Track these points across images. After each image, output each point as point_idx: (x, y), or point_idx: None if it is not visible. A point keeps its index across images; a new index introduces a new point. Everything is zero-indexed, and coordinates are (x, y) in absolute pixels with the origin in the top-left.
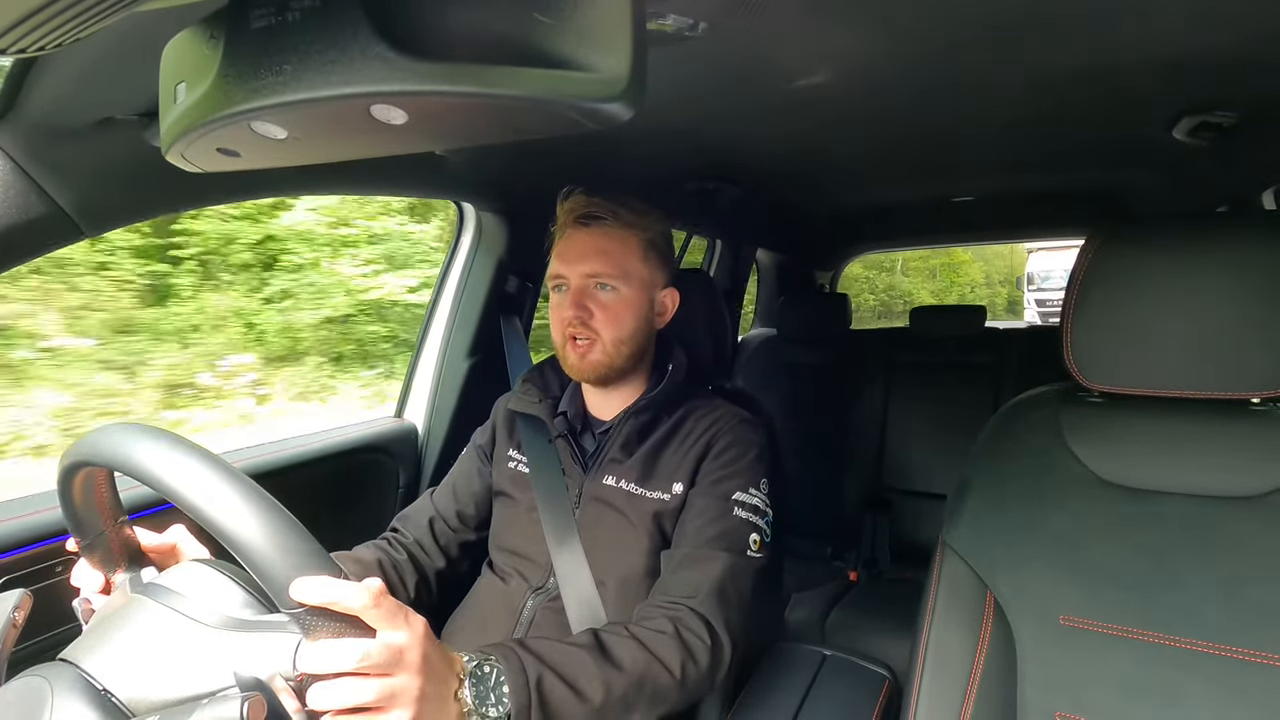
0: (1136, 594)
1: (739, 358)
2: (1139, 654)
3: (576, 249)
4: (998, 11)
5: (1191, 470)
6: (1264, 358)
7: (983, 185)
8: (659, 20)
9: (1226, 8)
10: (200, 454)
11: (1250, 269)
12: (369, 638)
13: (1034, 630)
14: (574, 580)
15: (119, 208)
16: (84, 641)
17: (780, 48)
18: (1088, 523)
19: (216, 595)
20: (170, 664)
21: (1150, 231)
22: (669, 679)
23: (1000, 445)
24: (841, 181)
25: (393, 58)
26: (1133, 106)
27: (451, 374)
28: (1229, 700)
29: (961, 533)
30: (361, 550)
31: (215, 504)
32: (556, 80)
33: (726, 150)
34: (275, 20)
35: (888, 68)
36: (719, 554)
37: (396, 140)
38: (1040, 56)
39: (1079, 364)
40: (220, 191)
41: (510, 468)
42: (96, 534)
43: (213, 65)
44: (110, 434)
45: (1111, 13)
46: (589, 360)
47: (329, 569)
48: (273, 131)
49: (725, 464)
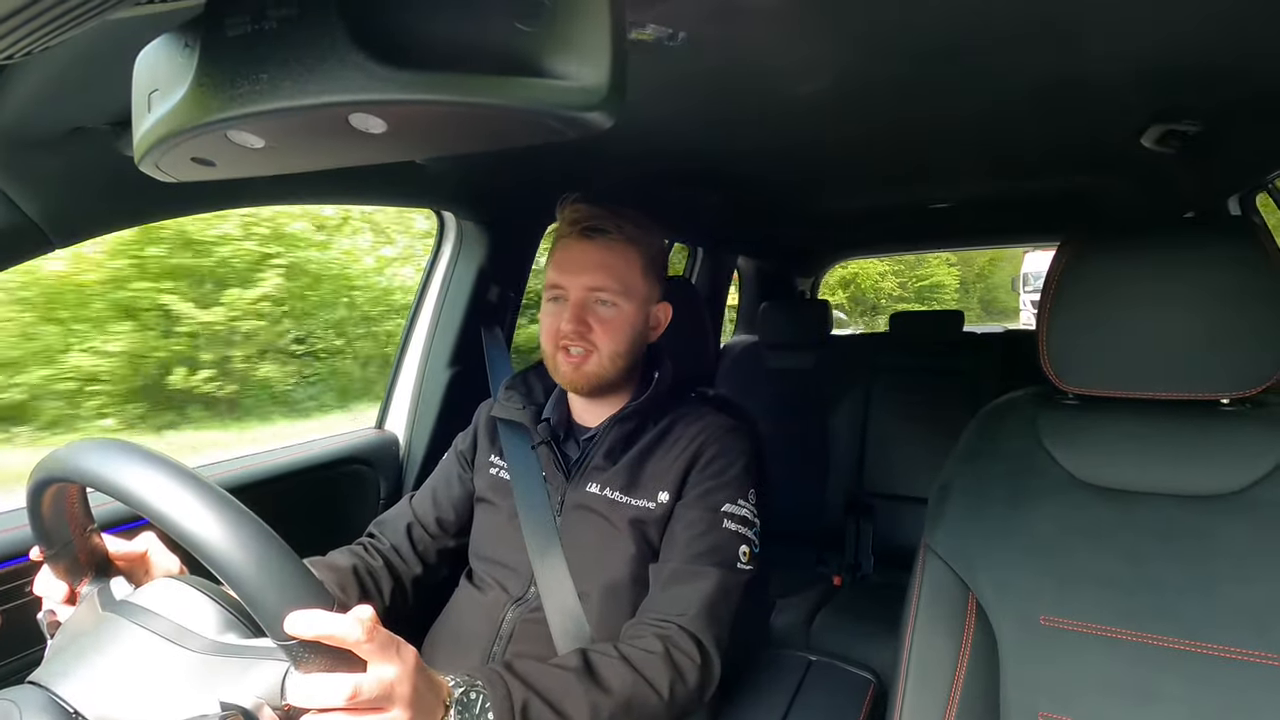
0: (1114, 593)
1: (721, 364)
2: (1117, 653)
3: (578, 260)
4: (973, 23)
5: (1165, 470)
6: (1231, 359)
7: (959, 192)
8: (639, 30)
9: (1192, 22)
10: (186, 475)
11: (1216, 273)
12: (360, 671)
13: (1015, 631)
14: (556, 590)
15: (90, 218)
16: (54, 663)
17: (759, 58)
18: (1065, 524)
19: (196, 617)
20: (148, 689)
21: (1121, 237)
22: (657, 700)
23: (979, 448)
24: (821, 189)
25: (371, 66)
26: (1103, 116)
27: (432, 384)
28: (1205, 696)
29: (943, 535)
30: (336, 556)
31: (205, 530)
32: (536, 89)
33: (708, 158)
34: (252, 29)
35: (865, 77)
36: (710, 569)
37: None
38: (1012, 67)
39: (1055, 367)
40: (195, 202)
41: (492, 474)
42: (63, 544)
43: (187, 73)
44: (89, 450)
45: (1082, 25)
46: (583, 371)
47: (323, 601)
48: (249, 140)
49: (713, 474)
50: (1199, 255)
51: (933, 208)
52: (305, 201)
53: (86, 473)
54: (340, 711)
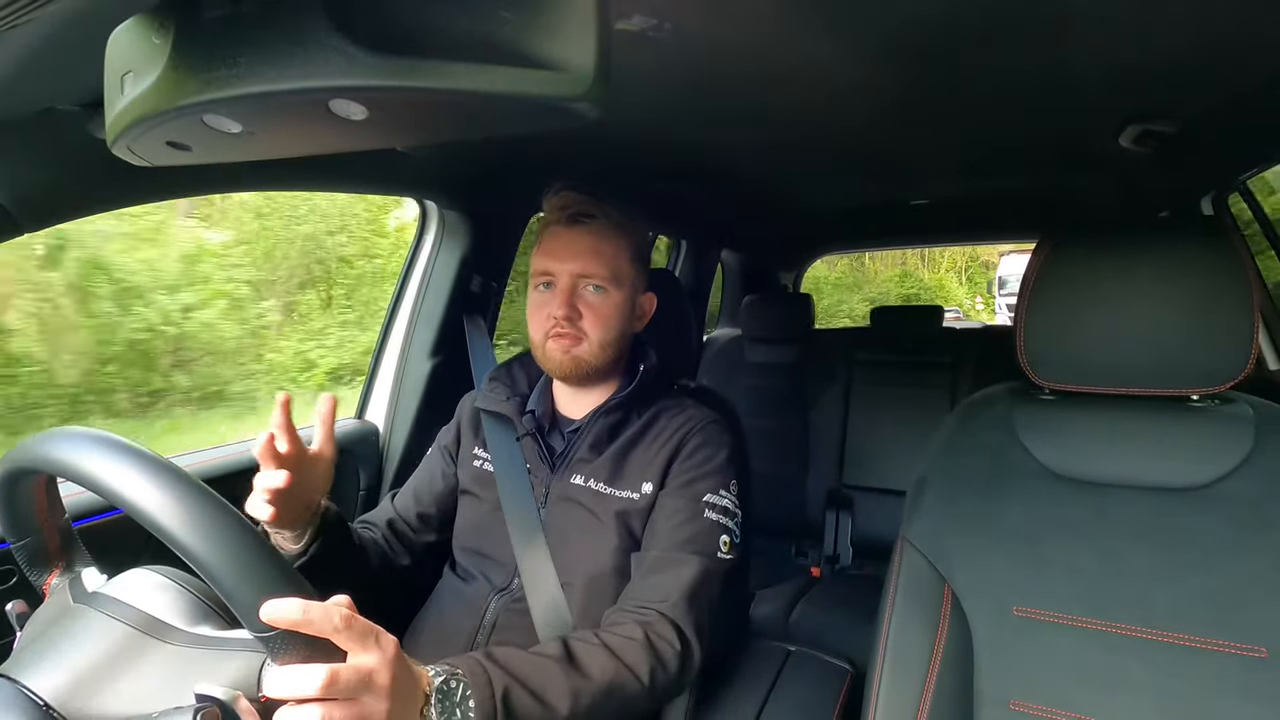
0: (1085, 584)
1: (704, 357)
2: (1087, 642)
3: (567, 247)
4: (953, 24)
5: (1136, 464)
6: (1200, 356)
7: (939, 189)
8: (624, 20)
9: (1167, 24)
10: (158, 463)
11: (1188, 272)
12: (339, 660)
13: (989, 621)
14: (539, 581)
15: (60, 202)
16: (24, 655)
17: (745, 51)
18: (1039, 516)
19: (171, 608)
20: (121, 681)
21: (1096, 236)
22: (638, 686)
23: (957, 442)
24: (805, 184)
25: (353, 52)
26: (1080, 116)
27: (414, 374)
28: (1171, 685)
29: (920, 528)
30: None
31: (177, 519)
32: (521, 78)
33: (692, 151)
34: (229, 11)
35: (849, 73)
36: (690, 557)
37: (356, 136)
38: (992, 67)
39: (1031, 363)
40: (169, 186)
41: (475, 466)
42: (33, 534)
43: (162, 55)
44: (58, 440)
45: (1061, 26)
46: (573, 355)
47: (299, 589)
48: (226, 125)
49: (696, 465)
50: (1171, 255)
51: (913, 204)
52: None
53: (55, 462)
54: (318, 702)
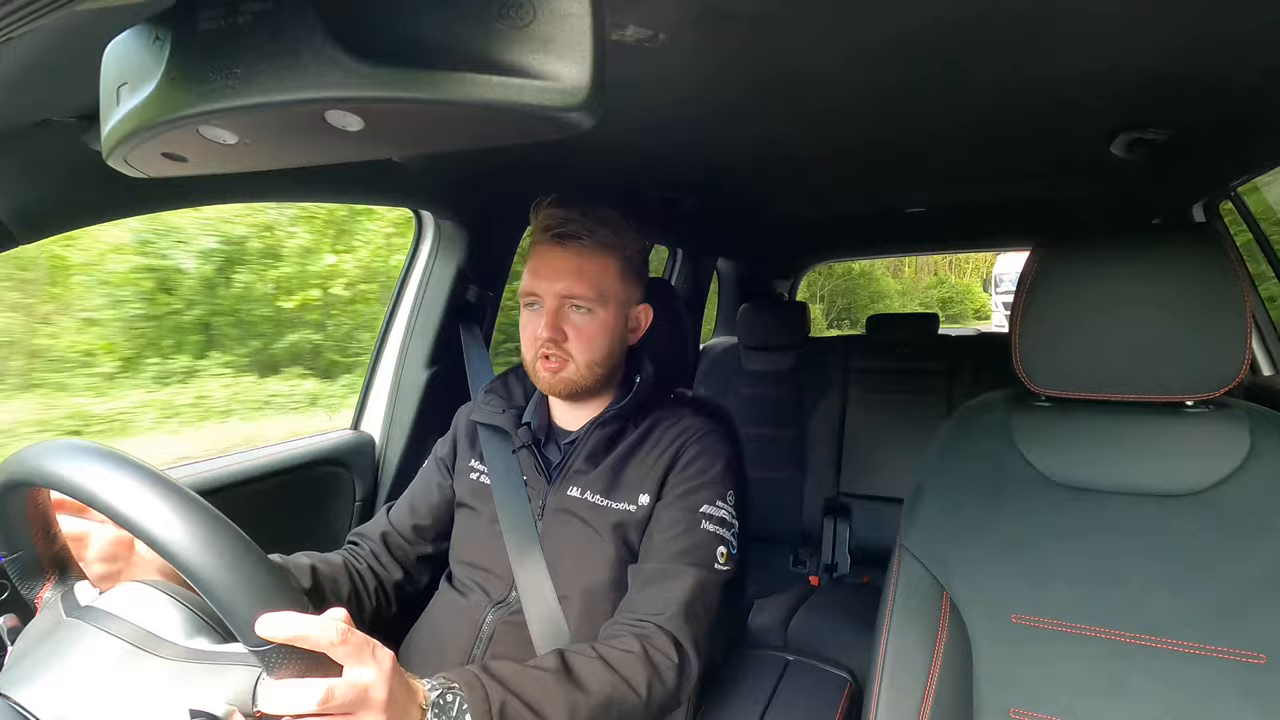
0: (1083, 591)
1: (700, 365)
2: (1085, 649)
3: (552, 267)
4: (946, 33)
5: (1132, 470)
6: (1194, 362)
7: (933, 197)
8: (619, 31)
9: (1158, 33)
10: (151, 476)
11: (1181, 279)
12: (335, 675)
13: (987, 629)
14: (536, 594)
15: (55, 213)
16: (15, 670)
17: (739, 61)
18: (1037, 523)
19: (164, 622)
20: (114, 697)
21: (1090, 243)
22: (635, 699)
23: (954, 449)
24: (800, 192)
25: (348, 63)
26: (1073, 124)
27: (409, 384)
28: (1170, 691)
29: (918, 536)
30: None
31: (171, 532)
32: (517, 88)
33: (688, 160)
34: (225, 23)
35: (843, 84)
36: (687, 570)
37: (352, 147)
38: (984, 76)
39: (1027, 369)
40: (165, 198)
41: (472, 479)
42: (25, 547)
43: (158, 67)
44: (53, 453)
45: (1053, 35)
46: (560, 378)
47: (295, 603)
48: (222, 136)
49: (693, 475)
50: (1164, 261)
51: (908, 212)
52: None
53: (50, 476)
54: (314, 717)
